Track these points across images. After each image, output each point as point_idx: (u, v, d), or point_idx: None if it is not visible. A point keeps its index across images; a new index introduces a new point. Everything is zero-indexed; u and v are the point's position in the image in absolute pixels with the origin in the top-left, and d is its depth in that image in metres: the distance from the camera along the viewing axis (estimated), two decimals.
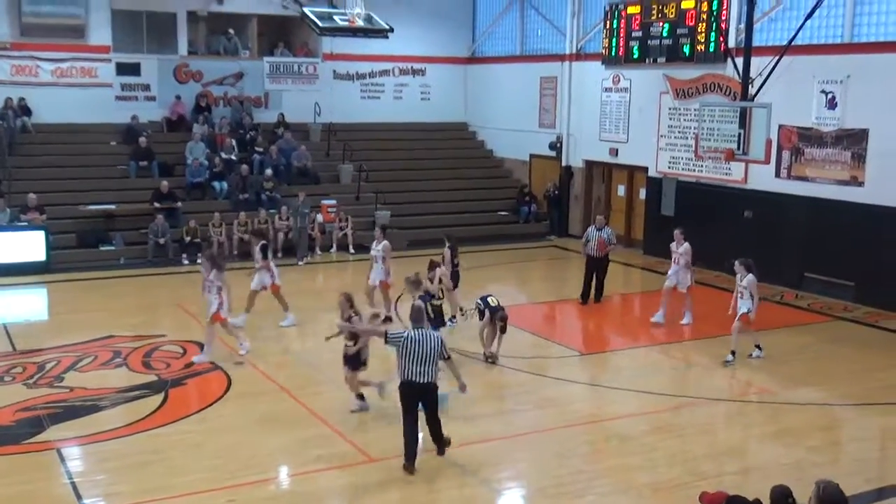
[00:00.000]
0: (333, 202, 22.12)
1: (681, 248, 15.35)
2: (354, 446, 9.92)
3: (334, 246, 21.50)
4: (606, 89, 22.77)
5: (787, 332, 15.22)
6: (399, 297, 16.01)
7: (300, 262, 20.35)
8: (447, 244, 15.19)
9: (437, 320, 12.50)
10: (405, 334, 9.06)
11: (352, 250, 21.39)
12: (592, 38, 23.31)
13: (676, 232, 15.49)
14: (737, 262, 13.47)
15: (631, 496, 8.96)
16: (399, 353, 9.00)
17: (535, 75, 25.00)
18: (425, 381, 9.02)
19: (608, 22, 21.53)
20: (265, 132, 24.22)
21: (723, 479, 9.15)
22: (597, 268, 16.71)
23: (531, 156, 25.56)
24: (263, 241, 15.15)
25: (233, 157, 22.95)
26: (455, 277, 15.18)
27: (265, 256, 14.80)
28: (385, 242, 15.02)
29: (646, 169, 21.82)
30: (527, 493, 9.17)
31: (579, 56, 23.71)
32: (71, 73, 22.90)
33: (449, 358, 9.22)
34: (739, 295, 13.37)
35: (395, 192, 23.89)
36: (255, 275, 14.79)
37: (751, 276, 13.29)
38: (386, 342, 9.17)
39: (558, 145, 24.27)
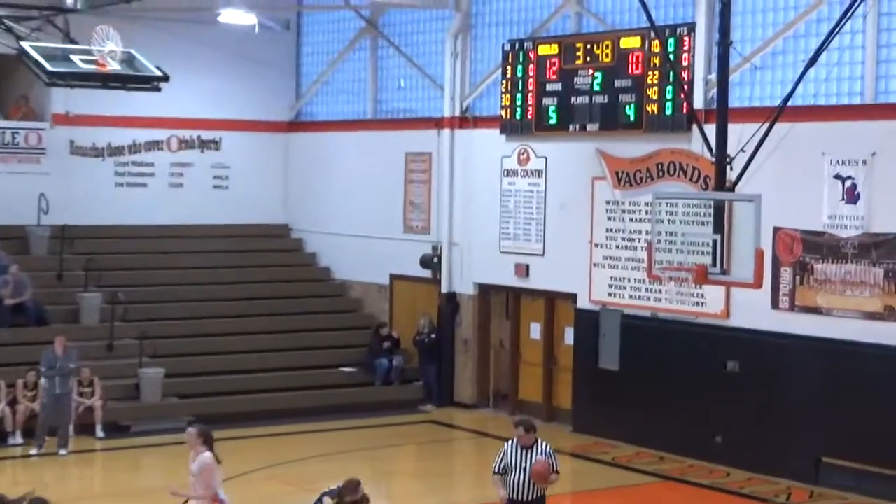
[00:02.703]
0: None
1: (195, 464, 13.47)
2: None
3: (71, 425, 20.93)
4: (509, 172, 23.27)
5: None
6: None
7: (62, 452, 20.39)
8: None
9: None
10: None
11: (100, 433, 21.21)
12: (486, 92, 24.00)
13: (191, 431, 13.90)
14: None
15: None
16: None
17: (398, 150, 25.48)
18: None
19: (509, 68, 22.31)
20: None
21: None
22: None
23: (392, 277, 25.83)
24: None
25: None
26: None
27: None
28: None
29: (573, 297, 22.23)
30: None
31: (465, 121, 24.27)
32: None
33: None
34: None
35: (171, 338, 23.73)
36: None
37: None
38: None
39: (436, 261, 24.63)
